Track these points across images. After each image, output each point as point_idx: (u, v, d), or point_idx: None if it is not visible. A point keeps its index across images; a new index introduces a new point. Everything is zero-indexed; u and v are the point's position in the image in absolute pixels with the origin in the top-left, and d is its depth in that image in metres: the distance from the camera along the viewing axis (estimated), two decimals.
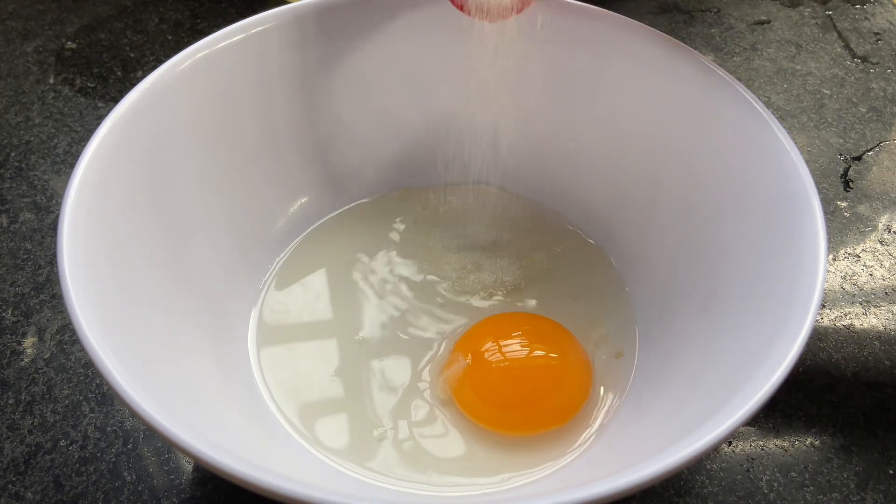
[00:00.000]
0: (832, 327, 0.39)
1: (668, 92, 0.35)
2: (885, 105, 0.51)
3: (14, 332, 0.37)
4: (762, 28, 0.57)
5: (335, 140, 0.40)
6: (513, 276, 0.38)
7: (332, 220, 0.40)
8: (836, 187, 0.46)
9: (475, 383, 0.32)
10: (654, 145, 0.36)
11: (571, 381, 0.33)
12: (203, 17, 0.56)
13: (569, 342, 0.34)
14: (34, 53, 0.53)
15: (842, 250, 0.43)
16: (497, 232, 0.40)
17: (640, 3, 0.58)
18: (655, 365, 0.34)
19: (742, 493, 0.33)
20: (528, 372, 0.33)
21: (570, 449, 0.32)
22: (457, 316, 0.37)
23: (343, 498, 0.20)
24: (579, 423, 0.33)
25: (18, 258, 0.40)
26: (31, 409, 0.35)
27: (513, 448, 0.32)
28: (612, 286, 0.38)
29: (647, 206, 0.37)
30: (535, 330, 0.34)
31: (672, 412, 0.29)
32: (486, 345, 0.33)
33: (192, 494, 0.32)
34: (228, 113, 0.35)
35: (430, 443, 0.32)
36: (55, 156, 0.46)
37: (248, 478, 0.21)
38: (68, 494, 0.32)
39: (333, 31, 0.36)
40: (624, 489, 0.21)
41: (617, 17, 0.35)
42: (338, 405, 0.33)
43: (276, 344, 0.35)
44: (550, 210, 0.41)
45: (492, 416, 0.32)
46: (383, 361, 0.35)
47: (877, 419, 0.36)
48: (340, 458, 0.31)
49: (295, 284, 0.37)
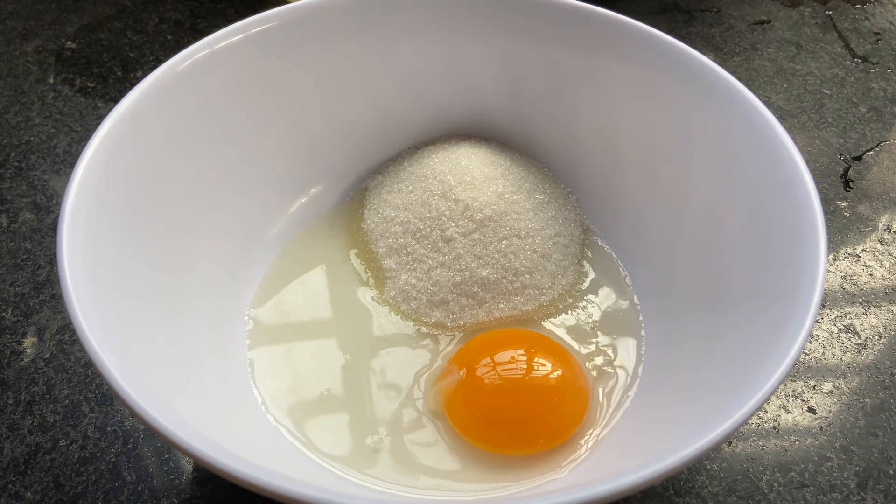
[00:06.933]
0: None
1: (667, 92, 0.35)
2: (885, 105, 0.51)
3: (14, 332, 0.37)
4: (762, 28, 0.57)
5: (335, 140, 0.40)
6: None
7: (331, 220, 0.40)
8: (836, 187, 0.46)
9: (466, 399, 0.32)
10: (654, 145, 0.36)
11: (565, 405, 0.32)
12: (203, 17, 0.56)
13: (567, 364, 0.33)
14: (34, 53, 0.53)
15: (842, 250, 0.43)
16: None
17: (640, 3, 0.58)
18: (656, 365, 0.34)
19: (742, 493, 0.33)
20: (520, 393, 0.32)
21: (566, 460, 0.31)
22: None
23: (342, 498, 0.20)
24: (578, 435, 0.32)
25: (18, 258, 0.40)
26: (31, 409, 0.35)
27: (504, 460, 0.32)
28: (612, 286, 0.38)
29: (647, 205, 0.37)
30: (532, 350, 0.33)
31: (672, 413, 0.29)
32: (481, 361, 0.33)
33: (192, 494, 0.32)
34: (228, 113, 0.35)
35: (422, 451, 0.32)
36: (55, 156, 0.46)
37: (248, 478, 0.21)
38: (68, 494, 0.32)
39: (333, 31, 0.36)
40: (625, 489, 0.21)
41: (617, 17, 0.35)
42: (333, 408, 0.33)
43: (275, 344, 0.35)
44: None
45: (480, 434, 0.32)
46: (382, 361, 0.35)
47: (877, 419, 0.36)
48: (335, 462, 0.31)
49: (295, 283, 0.37)
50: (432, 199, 0.37)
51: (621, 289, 0.37)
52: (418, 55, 0.38)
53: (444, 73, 0.39)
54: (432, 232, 0.36)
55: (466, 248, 0.36)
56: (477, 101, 0.40)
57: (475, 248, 0.36)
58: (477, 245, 0.36)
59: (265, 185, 0.38)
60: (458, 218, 0.36)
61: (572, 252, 0.38)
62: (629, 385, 0.34)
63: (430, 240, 0.36)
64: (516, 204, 0.37)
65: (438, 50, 0.38)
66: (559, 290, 0.37)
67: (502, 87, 0.40)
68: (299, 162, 0.39)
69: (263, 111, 0.36)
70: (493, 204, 0.36)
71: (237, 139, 0.36)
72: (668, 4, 0.59)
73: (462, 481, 0.31)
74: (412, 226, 0.37)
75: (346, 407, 0.33)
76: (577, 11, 0.36)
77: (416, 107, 0.40)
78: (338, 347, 0.35)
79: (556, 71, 0.38)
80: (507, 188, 0.37)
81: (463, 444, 0.32)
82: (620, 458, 0.29)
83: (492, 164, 0.38)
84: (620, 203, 0.39)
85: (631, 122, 0.37)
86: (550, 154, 0.41)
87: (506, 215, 0.36)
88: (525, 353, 0.33)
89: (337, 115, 0.39)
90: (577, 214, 0.40)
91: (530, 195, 0.38)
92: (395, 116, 0.40)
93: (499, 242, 0.36)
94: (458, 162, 0.38)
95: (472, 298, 0.36)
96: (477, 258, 0.36)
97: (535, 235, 0.37)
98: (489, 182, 0.37)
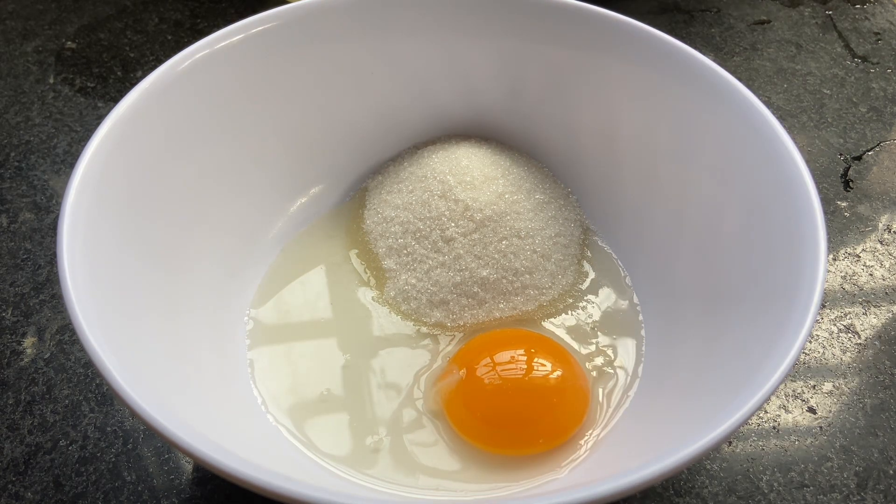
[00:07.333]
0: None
1: (667, 92, 0.35)
2: (885, 105, 0.51)
3: (14, 332, 0.37)
4: (762, 28, 0.57)
5: (335, 140, 0.40)
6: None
7: (331, 220, 0.40)
8: (836, 187, 0.46)
9: (466, 399, 0.32)
10: (655, 145, 0.36)
11: (565, 405, 0.32)
12: (203, 17, 0.56)
13: (567, 365, 0.33)
14: (34, 53, 0.53)
15: (842, 250, 0.43)
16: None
17: (640, 3, 0.58)
18: (656, 365, 0.34)
19: (742, 493, 0.33)
20: (520, 393, 0.32)
21: (566, 460, 0.31)
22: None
23: (342, 498, 0.20)
24: (578, 436, 0.32)
25: (18, 258, 0.40)
26: (31, 409, 0.35)
27: (504, 460, 0.32)
28: (612, 286, 0.38)
29: (647, 205, 0.37)
30: (532, 350, 0.33)
31: (672, 413, 0.29)
32: (481, 361, 0.33)
33: (192, 494, 0.32)
34: (228, 113, 0.35)
35: (421, 451, 0.32)
36: (55, 156, 0.46)
37: (248, 478, 0.21)
38: (68, 494, 0.32)
39: (333, 31, 0.36)
40: (625, 489, 0.21)
41: (617, 17, 0.35)
42: (333, 408, 0.33)
43: (275, 344, 0.35)
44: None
45: (480, 434, 0.32)
46: (382, 361, 0.35)
47: (877, 419, 0.36)
48: (334, 462, 0.31)
49: (294, 283, 0.37)
50: (432, 199, 0.37)
51: (621, 289, 0.37)
52: (418, 55, 0.38)
53: (444, 73, 0.39)
54: (432, 232, 0.36)
55: (466, 248, 0.36)
56: (477, 101, 0.40)
57: (475, 248, 0.36)
58: (477, 245, 0.36)
59: (265, 185, 0.38)
60: (458, 218, 0.36)
61: (572, 252, 0.38)
62: (629, 385, 0.34)
63: (430, 240, 0.36)
64: (516, 204, 0.37)
65: (438, 50, 0.38)
66: (559, 290, 0.37)
67: (502, 87, 0.40)
68: (299, 162, 0.39)
69: (263, 111, 0.36)
70: (493, 204, 0.36)
71: (237, 139, 0.36)
72: (668, 4, 0.59)
73: (462, 481, 0.31)
74: (412, 226, 0.37)
75: (346, 407, 0.33)
76: (577, 11, 0.36)
77: (416, 107, 0.40)
78: (338, 347, 0.35)
79: (556, 71, 0.38)
80: (507, 188, 0.37)
81: (463, 444, 0.32)
82: (620, 459, 0.29)
83: (492, 164, 0.38)
84: (620, 203, 0.39)
85: (631, 122, 0.37)
86: (550, 154, 0.41)
87: (506, 215, 0.36)
88: (525, 354, 0.33)
89: (337, 115, 0.39)
90: (577, 214, 0.40)
91: (530, 195, 0.38)
92: (395, 116, 0.40)
93: (499, 242, 0.36)
94: (458, 162, 0.38)
95: (472, 298, 0.36)
96: (477, 258, 0.36)
97: (535, 235, 0.37)
98: (489, 182, 0.37)
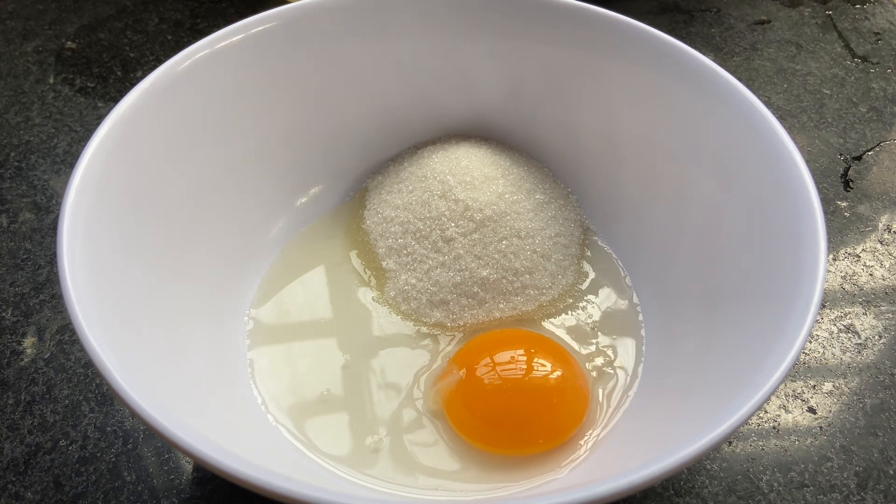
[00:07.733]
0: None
1: (667, 92, 0.35)
2: (885, 105, 0.51)
3: (14, 332, 0.37)
4: (762, 28, 0.57)
5: (335, 139, 0.40)
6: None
7: (331, 220, 0.40)
8: (836, 187, 0.46)
9: (466, 399, 0.32)
10: (655, 145, 0.36)
11: (565, 406, 0.32)
12: (203, 17, 0.56)
13: (567, 365, 0.33)
14: (34, 53, 0.53)
15: (842, 250, 0.43)
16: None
17: (640, 3, 0.58)
18: (656, 365, 0.34)
19: (742, 493, 0.33)
20: (520, 393, 0.32)
21: (566, 461, 0.31)
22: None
23: (342, 498, 0.20)
24: (578, 436, 0.32)
25: (18, 258, 0.40)
26: (31, 409, 0.35)
27: (504, 460, 0.32)
28: (612, 286, 0.38)
29: (647, 205, 0.37)
30: (532, 350, 0.33)
31: (672, 412, 0.29)
32: (481, 361, 0.33)
33: (192, 494, 0.32)
34: (228, 113, 0.35)
35: (421, 451, 0.32)
36: (55, 156, 0.46)
37: (248, 478, 0.21)
38: (68, 494, 0.32)
39: (333, 31, 0.36)
40: (625, 489, 0.21)
41: (617, 17, 0.35)
42: (333, 408, 0.33)
43: (275, 344, 0.35)
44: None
45: (480, 434, 0.32)
46: (382, 361, 0.35)
47: (877, 419, 0.36)
48: (334, 462, 0.31)
49: (295, 283, 0.37)
50: (432, 199, 0.37)
51: (621, 289, 0.37)
52: (418, 55, 0.38)
53: (443, 73, 0.39)
54: (432, 232, 0.36)
55: (466, 248, 0.36)
56: (477, 101, 0.40)
57: (475, 248, 0.36)
58: (477, 245, 0.36)
59: (265, 185, 0.38)
60: (458, 218, 0.36)
61: (572, 252, 0.38)
62: (629, 385, 0.34)
63: (430, 240, 0.36)
64: (516, 204, 0.37)
65: (438, 50, 0.38)
66: (559, 290, 0.37)
67: (502, 87, 0.40)
68: (299, 162, 0.39)
69: (264, 111, 0.36)
70: (493, 204, 0.36)
71: (237, 139, 0.36)
72: (668, 4, 0.59)
73: (462, 481, 0.31)
74: (412, 226, 0.37)
75: (346, 407, 0.33)
76: (577, 11, 0.36)
77: (416, 107, 0.40)
78: (338, 347, 0.35)
79: (556, 71, 0.38)
80: (507, 188, 0.37)
81: (463, 444, 0.32)
82: (620, 459, 0.29)
83: (492, 164, 0.38)
84: (620, 203, 0.39)
85: (631, 122, 0.37)
86: (550, 154, 0.41)
87: (506, 215, 0.36)
88: (525, 354, 0.33)
89: (337, 115, 0.39)
90: (577, 214, 0.40)
91: (530, 195, 0.38)
92: (395, 116, 0.40)
93: (499, 242, 0.36)
94: (458, 162, 0.38)
95: (472, 298, 0.36)
96: (477, 258, 0.36)
97: (535, 235, 0.37)
98: (489, 182, 0.37)
